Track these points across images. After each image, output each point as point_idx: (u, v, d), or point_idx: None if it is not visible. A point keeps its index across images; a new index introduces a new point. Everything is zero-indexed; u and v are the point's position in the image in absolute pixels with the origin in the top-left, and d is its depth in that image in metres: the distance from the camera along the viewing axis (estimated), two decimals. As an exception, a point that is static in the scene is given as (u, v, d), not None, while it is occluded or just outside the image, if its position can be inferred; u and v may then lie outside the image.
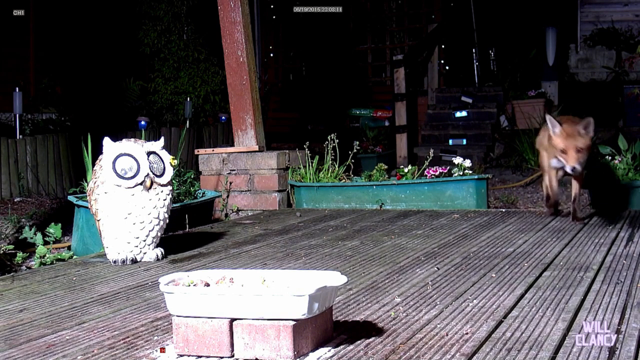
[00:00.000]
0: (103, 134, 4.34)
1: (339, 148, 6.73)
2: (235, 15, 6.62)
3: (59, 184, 9.09)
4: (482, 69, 12.89)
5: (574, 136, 4.59)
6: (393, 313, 2.85)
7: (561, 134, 4.63)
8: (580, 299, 2.97)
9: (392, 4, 14.54)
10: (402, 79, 10.79)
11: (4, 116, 10.49)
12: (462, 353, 2.34)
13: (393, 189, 6.38)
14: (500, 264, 3.73)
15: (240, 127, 6.71)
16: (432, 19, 13.46)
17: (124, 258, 4.08)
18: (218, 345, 2.34)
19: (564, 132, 4.62)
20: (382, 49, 14.49)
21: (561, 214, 5.43)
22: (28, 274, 3.98)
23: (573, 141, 4.59)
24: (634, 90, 11.03)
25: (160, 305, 3.06)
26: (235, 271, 2.61)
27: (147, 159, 4.07)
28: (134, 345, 2.56)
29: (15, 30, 11.62)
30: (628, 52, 12.60)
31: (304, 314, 2.30)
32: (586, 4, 13.28)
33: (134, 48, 12.02)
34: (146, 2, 11.90)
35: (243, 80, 6.65)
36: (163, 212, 4.12)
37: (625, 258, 3.78)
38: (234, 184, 6.64)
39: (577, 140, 4.59)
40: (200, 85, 11.99)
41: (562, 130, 4.62)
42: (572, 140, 4.59)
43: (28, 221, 6.73)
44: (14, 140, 8.97)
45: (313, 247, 4.43)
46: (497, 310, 2.83)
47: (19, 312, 3.07)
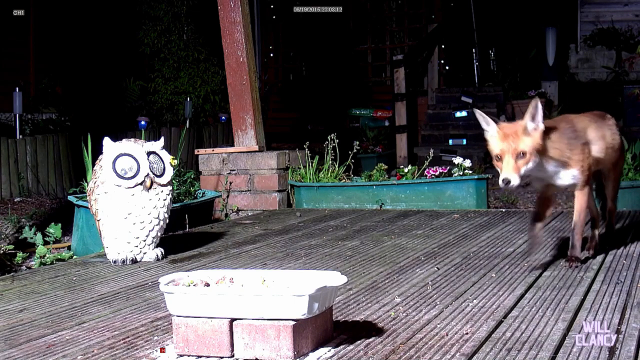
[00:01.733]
0: (103, 134, 4.34)
1: (339, 148, 6.73)
2: (235, 15, 6.62)
3: (59, 184, 9.08)
4: (482, 69, 12.89)
5: (514, 135, 3.29)
6: (393, 313, 2.85)
7: (497, 134, 3.33)
8: (580, 299, 2.97)
9: (392, 4, 14.54)
10: (402, 79, 10.79)
11: (4, 116, 10.48)
12: (462, 353, 2.34)
13: (393, 189, 6.38)
14: (500, 264, 3.73)
15: (240, 127, 6.71)
16: (432, 19, 13.45)
17: (124, 258, 4.08)
18: (218, 345, 2.34)
19: (500, 131, 3.33)
20: (382, 49, 14.48)
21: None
22: (28, 274, 3.98)
23: (512, 142, 3.28)
24: (634, 90, 11.03)
25: (160, 305, 3.06)
26: (235, 271, 2.61)
27: (147, 159, 4.07)
28: (134, 345, 2.56)
29: (15, 30, 11.62)
30: (628, 52, 12.60)
31: (304, 314, 2.30)
32: (586, 4, 13.28)
33: (134, 48, 12.02)
34: (146, 2, 11.90)
35: (243, 80, 6.65)
36: (163, 212, 4.12)
37: (625, 258, 3.78)
38: (234, 184, 6.63)
39: (519, 140, 3.27)
40: (200, 85, 11.99)
41: (497, 129, 3.33)
42: (510, 142, 3.28)
43: (28, 221, 6.73)
44: (14, 140, 8.97)
45: (313, 247, 4.43)
46: (497, 310, 2.83)
47: (19, 312, 3.07)
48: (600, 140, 3.67)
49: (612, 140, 3.75)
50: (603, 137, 3.69)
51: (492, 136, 3.35)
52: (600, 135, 3.68)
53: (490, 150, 3.39)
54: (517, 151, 3.26)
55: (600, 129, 3.71)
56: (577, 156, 3.50)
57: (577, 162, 3.49)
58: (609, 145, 3.72)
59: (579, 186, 3.57)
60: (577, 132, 3.54)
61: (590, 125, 3.66)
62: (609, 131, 3.75)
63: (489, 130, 3.38)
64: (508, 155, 3.26)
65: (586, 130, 3.61)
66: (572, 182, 3.54)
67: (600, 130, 3.70)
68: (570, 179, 3.52)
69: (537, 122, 3.32)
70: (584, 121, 3.66)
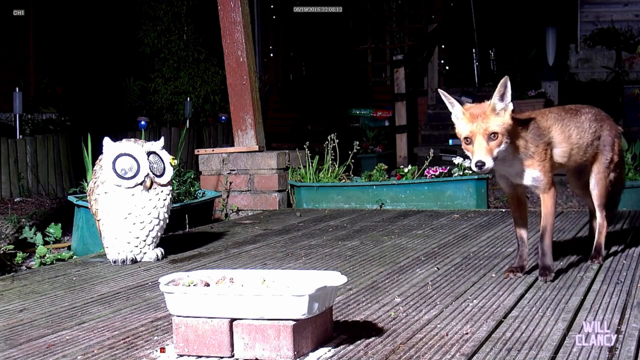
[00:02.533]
0: (103, 134, 4.34)
1: (339, 148, 6.73)
2: (235, 15, 6.62)
3: (59, 184, 9.08)
4: (482, 69, 12.90)
5: (483, 116, 3.06)
6: (393, 313, 2.85)
7: (463, 115, 3.10)
8: (580, 299, 2.97)
9: (392, 4, 14.54)
10: (402, 79, 10.80)
11: (4, 116, 10.49)
12: (462, 353, 2.34)
13: (393, 189, 6.38)
14: (500, 264, 3.73)
15: (240, 127, 6.71)
16: (432, 19, 13.45)
17: (124, 258, 4.08)
18: (218, 345, 2.34)
19: (467, 112, 3.09)
20: (382, 49, 14.49)
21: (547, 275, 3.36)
22: (28, 274, 3.98)
23: (481, 122, 3.05)
24: (634, 90, 11.03)
25: (160, 305, 3.06)
26: (235, 271, 2.61)
27: (147, 159, 4.07)
28: (134, 345, 2.56)
29: (15, 30, 11.62)
30: (628, 52, 12.60)
31: (304, 314, 2.30)
32: (586, 4, 13.28)
33: (134, 48, 12.02)
34: (146, 2, 11.91)
35: (243, 80, 6.65)
36: (163, 212, 4.12)
37: (625, 258, 3.78)
38: (234, 184, 6.63)
39: (488, 120, 3.05)
40: (200, 85, 11.99)
41: (463, 110, 3.10)
42: (479, 122, 3.05)
43: (28, 221, 6.73)
44: (14, 140, 8.97)
45: (313, 247, 4.43)
46: (497, 310, 2.83)
47: (19, 312, 3.07)
48: (563, 142, 3.40)
49: (579, 139, 3.45)
50: (567, 139, 3.41)
51: (459, 118, 3.12)
52: (564, 137, 3.40)
53: (458, 134, 3.16)
54: (488, 132, 3.05)
55: (565, 129, 3.42)
56: (539, 156, 3.28)
57: (538, 163, 3.27)
58: (575, 144, 3.43)
59: (543, 189, 3.34)
60: (540, 130, 3.31)
61: (555, 124, 3.40)
62: (576, 129, 3.45)
63: (454, 112, 3.14)
64: (479, 136, 3.04)
65: (550, 129, 3.37)
66: (534, 184, 3.32)
67: (565, 130, 3.41)
68: (531, 181, 3.31)
69: (505, 101, 3.10)
70: (549, 119, 3.40)
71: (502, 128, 3.07)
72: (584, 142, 3.48)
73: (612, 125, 3.65)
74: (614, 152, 3.63)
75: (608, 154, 3.60)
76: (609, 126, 3.63)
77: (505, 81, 3.09)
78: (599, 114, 3.63)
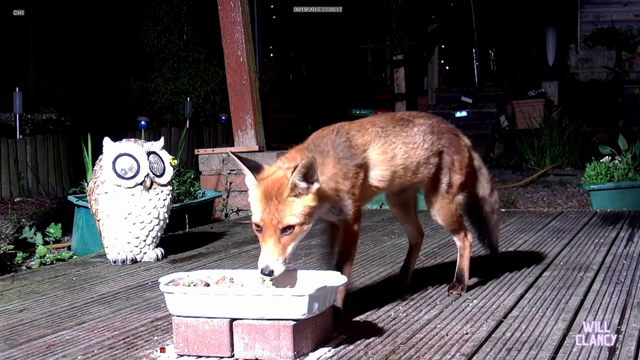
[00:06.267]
0: (103, 134, 4.34)
1: (339, 148, 6.71)
2: (235, 15, 6.62)
3: (59, 184, 9.08)
4: (482, 69, 12.89)
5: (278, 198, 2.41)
6: (393, 313, 2.84)
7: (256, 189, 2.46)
8: (580, 299, 2.97)
9: (392, 4, 14.53)
10: (402, 79, 10.80)
11: (4, 116, 10.49)
12: (462, 353, 2.34)
13: (393, 189, 6.36)
14: (500, 264, 3.73)
15: (240, 127, 6.71)
16: (432, 19, 13.45)
17: (124, 258, 4.08)
18: (218, 345, 2.34)
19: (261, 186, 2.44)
20: (382, 49, 14.48)
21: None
22: (28, 274, 3.98)
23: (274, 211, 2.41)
24: (634, 90, 11.02)
25: (160, 305, 3.06)
26: (235, 271, 2.61)
27: (147, 159, 4.07)
28: (134, 345, 2.56)
29: (15, 30, 11.62)
30: (628, 52, 12.59)
31: (304, 314, 2.30)
32: (586, 4, 13.28)
33: (134, 48, 12.02)
34: (146, 2, 11.91)
35: (243, 80, 6.65)
36: (163, 212, 4.12)
37: (625, 258, 3.78)
38: (234, 184, 6.63)
39: (284, 207, 2.41)
40: (200, 85, 11.99)
41: (256, 183, 2.46)
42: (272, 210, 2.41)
43: (28, 221, 6.73)
44: (14, 140, 8.97)
45: (313, 247, 4.43)
46: (497, 310, 2.83)
47: (19, 312, 3.07)
48: (383, 164, 2.80)
49: (406, 158, 2.86)
50: (390, 160, 2.81)
51: (252, 191, 2.48)
52: (385, 158, 2.80)
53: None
54: (281, 225, 2.40)
55: (388, 148, 2.81)
56: (349, 181, 2.66)
57: (348, 191, 2.66)
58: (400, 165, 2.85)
59: (348, 219, 2.70)
60: (352, 150, 2.70)
61: (374, 141, 2.78)
62: (404, 147, 2.85)
63: (246, 180, 2.51)
64: (270, 231, 2.40)
65: (367, 147, 2.76)
66: (340, 217, 2.69)
67: (388, 150, 2.81)
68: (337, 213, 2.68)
69: (309, 181, 2.43)
70: (368, 134, 2.79)
71: (302, 217, 2.43)
72: (415, 160, 2.89)
73: (452, 139, 3.04)
74: (455, 172, 3.02)
75: (445, 177, 3.01)
76: (449, 141, 3.03)
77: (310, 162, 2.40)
78: (438, 125, 3.02)
